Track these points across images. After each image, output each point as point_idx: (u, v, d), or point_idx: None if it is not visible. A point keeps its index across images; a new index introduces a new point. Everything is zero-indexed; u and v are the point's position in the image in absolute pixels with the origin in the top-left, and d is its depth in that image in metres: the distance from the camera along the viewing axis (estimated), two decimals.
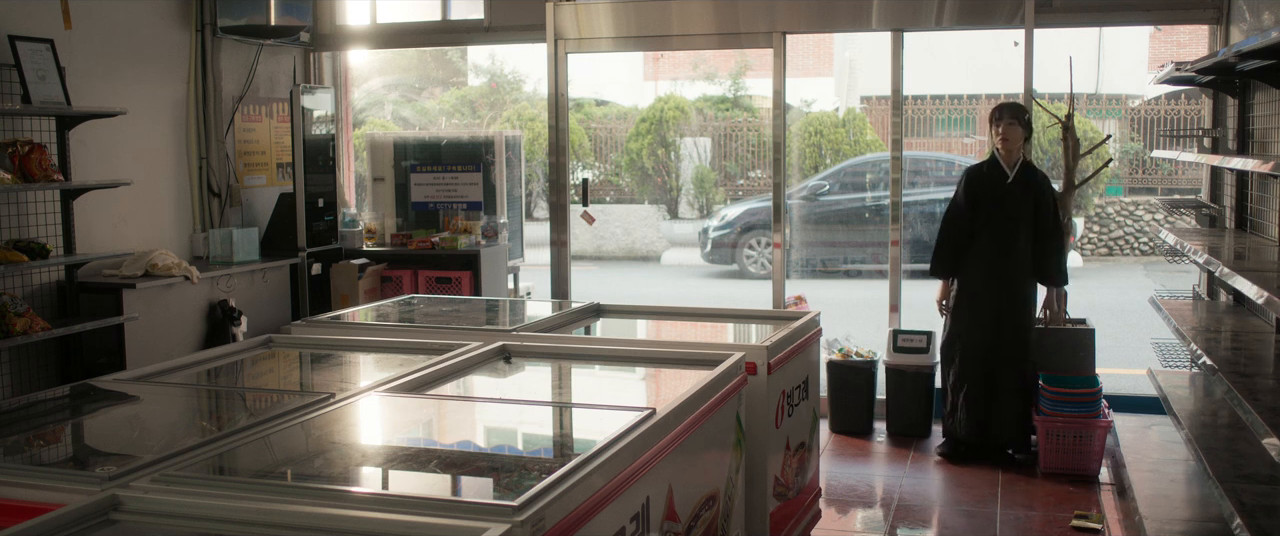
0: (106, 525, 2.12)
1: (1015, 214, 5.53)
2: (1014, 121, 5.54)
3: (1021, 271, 5.55)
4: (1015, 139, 5.55)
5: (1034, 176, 5.58)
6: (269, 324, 6.14)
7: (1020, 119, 5.57)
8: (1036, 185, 5.56)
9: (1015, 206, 5.53)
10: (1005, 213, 5.55)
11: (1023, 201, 5.53)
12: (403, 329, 4.30)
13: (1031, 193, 5.53)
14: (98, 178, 5.55)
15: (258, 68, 6.95)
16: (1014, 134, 5.54)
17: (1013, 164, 5.57)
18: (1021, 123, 5.57)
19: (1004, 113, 5.58)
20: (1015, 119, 5.55)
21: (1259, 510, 3.27)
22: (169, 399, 3.24)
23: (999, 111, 5.61)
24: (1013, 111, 5.57)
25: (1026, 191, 5.53)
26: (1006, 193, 5.55)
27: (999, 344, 5.56)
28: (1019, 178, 5.56)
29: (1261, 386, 3.40)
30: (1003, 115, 5.57)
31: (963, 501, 5.10)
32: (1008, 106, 5.62)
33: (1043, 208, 5.54)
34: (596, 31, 6.62)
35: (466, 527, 1.98)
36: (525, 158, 9.89)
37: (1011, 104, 5.65)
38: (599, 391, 3.66)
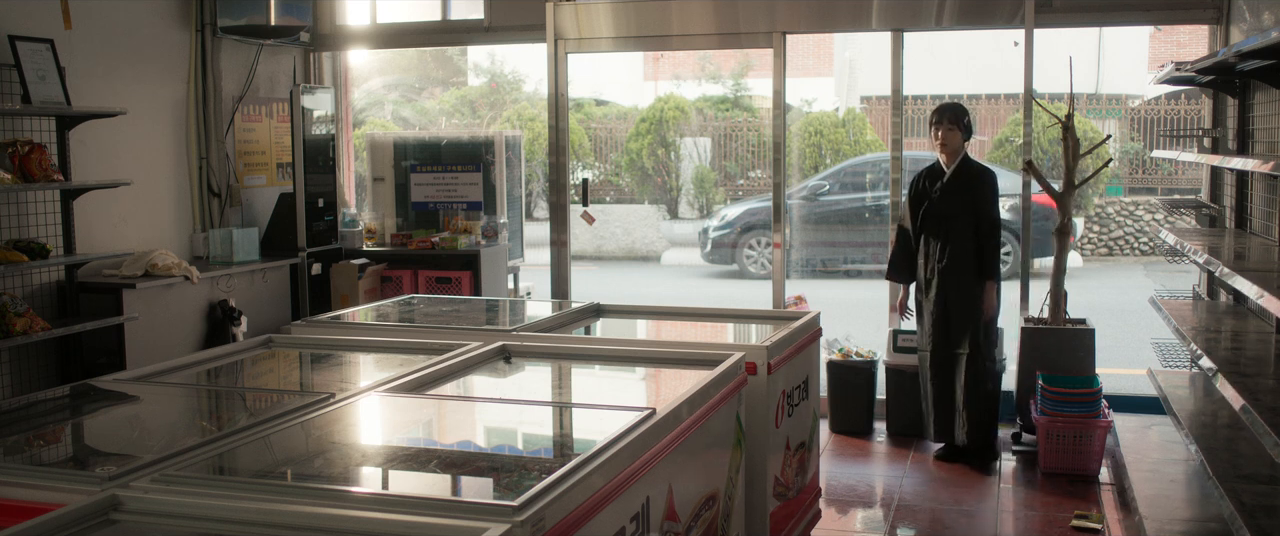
0: (106, 525, 2.12)
1: (948, 212, 5.53)
2: (953, 126, 5.55)
3: (959, 270, 5.51)
4: (954, 142, 5.56)
5: (969, 173, 5.55)
6: (269, 324, 6.14)
7: (959, 123, 5.56)
8: (972, 182, 5.53)
9: (948, 205, 5.53)
10: (939, 211, 5.56)
11: (956, 200, 5.52)
12: (403, 329, 4.30)
13: (968, 190, 5.51)
14: (98, 178, 5.54)
15: (258, 68, 6.95)
16: (952, 137, 5.55)
17: (952, 164, 5.58)
18: (960, 126, 5.56)
19: (943, 116, 5.58)
20: (954, 123, 5.55)
21: (1259, 510, 3.27)
22: (169, 399, 3.24)
23: (938, 114, 5.60)
24: (952, 115, 5.56)
25: (963, 189, 5.52)
26: (942, 192, 5.56)
27: (947, 344, 5.57)
28: (955, 176, 5.55)
29: (1261, 386, 3.40)
30: (941, 119, 5.57)
31: (963, 501, 5.10)
32: (947, 109, 5.60)
33: (979, 203, 5.50)
34: (596, 31, 6.62)
35: (466, 527, 1.98)
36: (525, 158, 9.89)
37: (951, 106, 5.64)
38: (599, 391, 3.66)
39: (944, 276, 5.56)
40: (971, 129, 5.64)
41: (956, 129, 5.56)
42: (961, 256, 5.52)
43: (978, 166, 5.64)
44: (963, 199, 5.52)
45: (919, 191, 5.68)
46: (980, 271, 5.52)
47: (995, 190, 5.57)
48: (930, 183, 5.64)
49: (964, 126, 5.59)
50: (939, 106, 5.66)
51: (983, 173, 5.60)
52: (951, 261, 5.53)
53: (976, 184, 5.54)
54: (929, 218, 5.61)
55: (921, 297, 5.70)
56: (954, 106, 5.65)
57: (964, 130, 5.59)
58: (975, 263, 5.51)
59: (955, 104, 5.70)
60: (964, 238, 5.51)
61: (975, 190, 5.52)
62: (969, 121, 5.63)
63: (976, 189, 5.52)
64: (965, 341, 5.55)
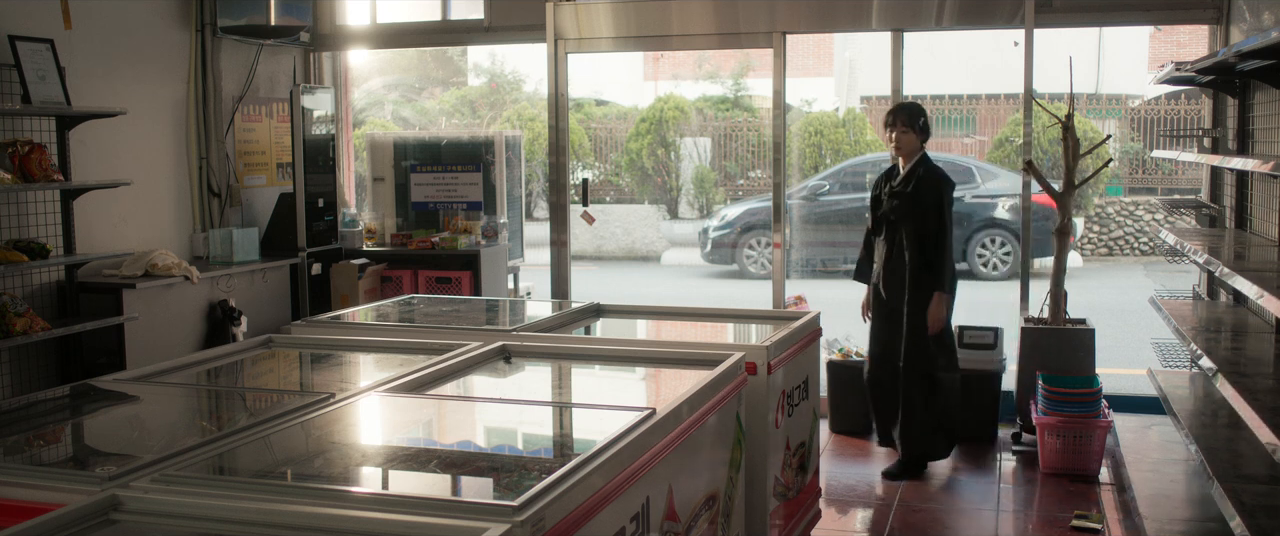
0: (106, 525, 2.12)
1: (897, 216, 5.33)
2: (907, 128, 5.33)
3: (901, 279, 5.34)
4: (907, 144, 5.34)
5: (918, 178, 5.31)
6: (269, 324, 6.14)
7: (914, 124, 5.34)
8: (920, 187, 5.28)
9: (895, 209, 5.34)
10: (886, 216, 5.39)
11: (904, 205, 5.31)
12: (403, 329, 4.30)
13: (916, 196, 5.28)
14: (98, 178, 5.54)
15: (258, 68, 6.95)
16: (906, 139, 5.33)
17: (907, 167, 5.37)
18: (915, 127, 5.34)
19: (897, 117, 5.37)
20: (908, 125, 5.33)
21: (1259, 510, 3.27)
22: (169, 399, 3.24)
23: (892, 115, 5.40)
24: (907, 117, 5.35)
25: (911, 194, 5.30)
26: (891, 195, 5.38)
27: (885, 353, 5.42)
28: (905, 180, 5.35)
29: (1261, 386, 3.40)
30: (895, 120, 5.37)
31: (963, 501, 5.10)
32: (902, 110, 5.41)
33: (925, 210, 5.27)
34: (596, 31, 6.62)
35: (466, 527, 1.98)
36: (525, 158, 9.89)
37: (906, 106, 5.44)
38: (599, 391, 3.66)
39: (887, 283, 5.41)
40: (928, 130, 5.40)
41: (911, 130, 5.32)
42: (903, 264, 5.32)
43: (930, 171, 5.33)
44: (910, 204, 5.29)
45: (876, 193, 5.51)
46: (924, 282, 5.28)
47: (943, 197, 5.27)
48: (886, 184, 5.47)
49: (919, 128, 5.35)
50: (893, 107, 5.48)
51: (933, 177, 5.30)
52: (894, 269, 5.37)
53: (924, 190, 5.27)
54: (878, 222, 5.45)
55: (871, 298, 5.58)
56: (909, 107, 5.44)
57: (919, 132, 5.35)
58: (919, 272, 5.28)
59: (911, 104, 5.51)
60: (907, 246, 5.30)
61: (922, 196, 5.27)
62: (925, 122, 5.39)
63: (924, 195, 5.27)
64: (904, 352, 5.34)
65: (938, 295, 5.25)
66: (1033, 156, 6.01)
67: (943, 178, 5.32)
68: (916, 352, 5.34)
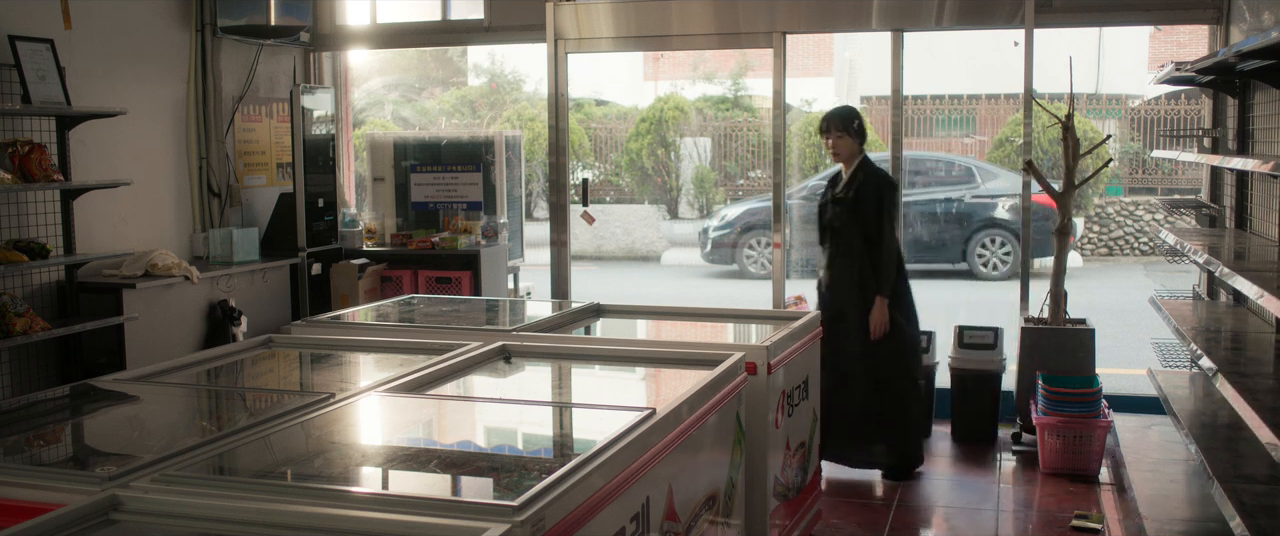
0: (106, 525, 2.12)
1: (838, 222, 5.28)
2: (842, 133, 5.29)
3: (844, 285, 5.27)
4: (845, 148, 5.30)
5: (859, 181, 5.25)
6: (269, 324, 6.14)
7: (848, 129, 5.29)
8: (860, 191, 5.22)
9: (837, 215, 5.29)
10: (829, 222, 5.35)
11: (845, 210, 5.25)
12: (403, 329, 4.30)
13: (856, 200, 5.22)
14: (98, 178, 5.55)
15: (258, 68, 6.95)
16: (843, 144, 5.29)
17: (848, 171, 5.32)
18: (850, 132, 5.29)
19: (830, 125, 5.32)
20: (843, 130, 5.29)
21: (1259, 510, 3.27)
22: (169, 399, 3.24)
23: (825, 123, 5.35)
24: (840, 123, 5.30)
25: (852, 199, 5.24)
26: (833, 201, 5.34)
27: (833, 360, 5.22)
28: (846, 185, 5.30)
29: (1261, 386, 3.40)
30: (829, 128, 5.32)
31: (963, 501, 5.10)
32: (834, 117, 5.34)
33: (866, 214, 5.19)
34: (596, 31, 6.62)
35: (466, 527, 1.98)
36: (525, 158, 9.89)
37: (838, 114, 5.36)
38: (599, 391, 3.66)
39: (831, 290, 5.33)
40: (865, 132, 5.36)
41: (846, 135, 5.28)
42: (845, 271, 5.26)
43: (871, 174, 5.27)
44: (851, 209, 5.24)
45: (822, 201, 5.45)
46: (867, 286, 5.21)
47: (886, 200, 5.21)
48: (830, 191, 5.41)
49: (854, 131, 5.30)
50: (825, 114, 5.39)
51: (873, 181, 5.24)
52: (837, 275, 5.30)
53: (865, 193, 5.21)
54: (822, 229, 5.41)
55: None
56: (841, 113, 5.37)
57: (855, 135, 5.31)
58: (862, 278, 5.22)
59: (842, 109, 5.43)
60: (849, 251, 5.25)
61: (863, 200, 5.20)
62: (860, 124, 5.34)
63: (865, 199, 5.20)
64: (859, 352, 5.23)
65: (879, 299, 5.19)
66: (1033, 156, 6.01)
67: (884, 180, 5.29)
68: (866, 359, 5.25)
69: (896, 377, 5.30)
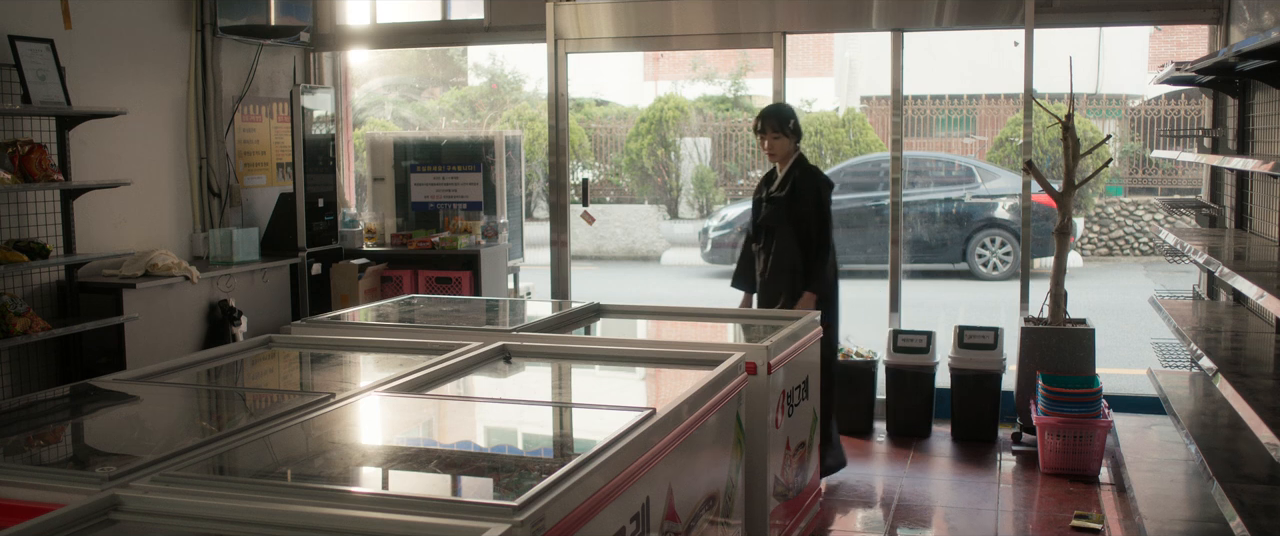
0: (106, 525, 2.12)
1: (771, 222, 5.18)
2: (778, 133, 5.16)
3: (780, 286, 5.14)
4: (780, 149, 5.18)
5: (795, 180, 5.15)
6: (269, 324, 6.14)
7: (784, 128, 5.16)
8: (796, 189, 5.12)
9: (771, 214, 5.18)
10: (764, 221, 5.22)
11: (781, 209, 5.15)
12: (403, 329, 4.30)
13: (792, 199, 5.12)
14: (98, 178, 5.54)
15: (258, 68, 6.95)
16: (779, 144, 5.17)
17: (784, 170, 5.20)
18: (785, 131, 5.16)
19: (765, 124, 5.18)
20: (778, 130, 5.16)
21: (1259, 510, 3.27)
22: (169, 399, 3.24)
23: (760, 122, 5.20)
24: (775, 123, 5.17)
25: (787, 198, 5.13)
26: (768, 200, 5.23)
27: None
28: (781, 184, 5.18)
29: (1261, 386, 3.40)
30: (765, 128, 5.19)
31: (963, 501, 5.10)
32: (769, 116, 5.21)
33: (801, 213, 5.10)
34: (596, 31, 6.62)
35: (466, 527, 1.98)
36: (525, 158, 9.89)
37: (774, 113, 5.23)
38: (599, 391, 3.66)
39: (766, 290, 5.20)
40: (800, 131, 5.24)
41: (783, 135, 5.15)
42: (781, 271, 5.14)
43: (806, 172, 5.17)
44: (787, 208, 5.13)
45: (756, 199, 5.32)
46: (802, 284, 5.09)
47: (820, 198, 5.11)
48: (763, 189, 5.31)
49: (790, 131, 5.18)
50: (760, 113, 5.24)
51: (809, 179, 5.14)
52: (773, 276, 5.16)
53: (801, 192, 5.10)
54: (757, 228, 5.28)
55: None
56: (776, 111, 5.24)
57: (791, 135, 5.18)
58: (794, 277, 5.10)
59: (778, 108, 5.31)
60: (786, 251, 5.12)
61: (799, 199, 5.10)
62: (795, 124, 5.21)
63: (801, 197, 5.10)
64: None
65: (807, 294, 5.07)
66: (1033, 156, 6.01)
67: (821, 179, 5.20)
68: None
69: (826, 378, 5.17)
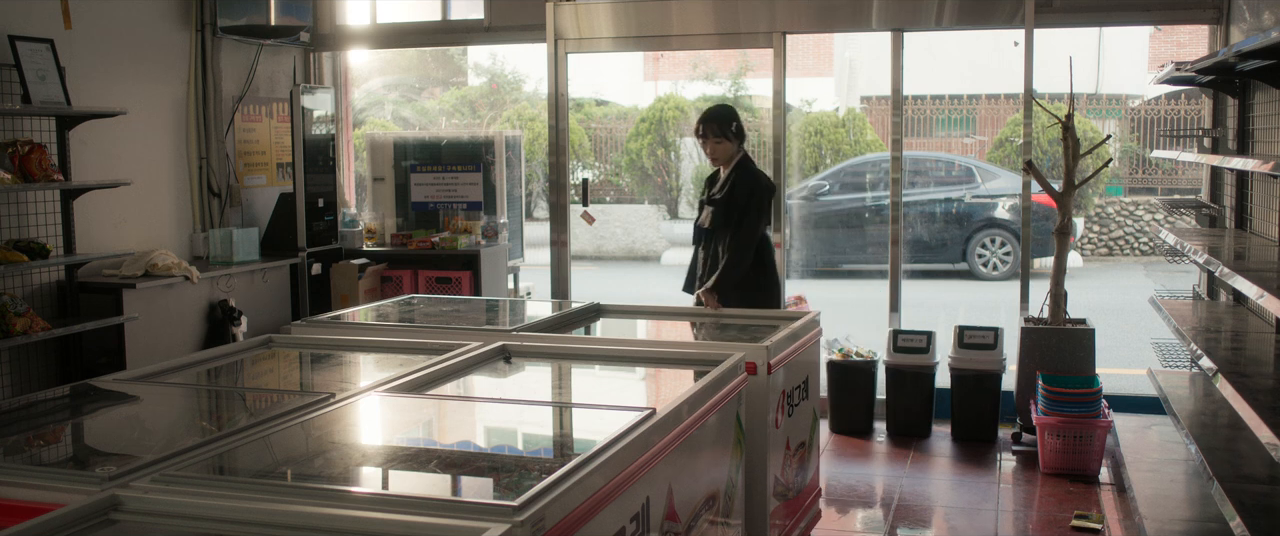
0: (106, 525, 2.12)
1: (713, 223, 5.12)
2: (720, 137, 5.09)
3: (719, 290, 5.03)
4: (723, 152, 5.11)
5: (735, 183, 5.08)
6: (269, 324, 6.14)
7: (727, 133, 5.09)
8: (735, 192, 5.05)
9: (712, 215, 5.12)
10: (706, 221, 5.16)
11: (722, 209, 5.08)
12: (403, 329, 4.30)
13: (730, 202, 5.05)
14: (98, 178, 5.54)
15: (258, 68, 6.95)
16: (721, 148, 5.10)
17: (727, 173, 5.13)
18: (728, 135, 5.09)
19: (707, 129, 5.10)
20: (721, 134, 5.08)
21: (1259, 510, 3.27)
22: (169, 399, 3.24)
23: (702, 126, 5.11)
24: (717, 127, 5.08)
25: (727, 201, 5.07)
26: (711, 202, 5.16)
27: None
28: (723, 186, 5.11)
29: (1261, 386, 3.40)
30: (707, 132, 5.10)
31: (963, 501, 5.10)
32: (711, 120, 5.11)
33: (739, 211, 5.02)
34: (596, 31, 6.62)
35: (466, 527, 1.98)
36: (525, 158, 9.89)
37: (716, 117, 5.12)
38: (599, 391, 3.66)
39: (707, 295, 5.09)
40: (743, 133, 5.16)
41: (724, 139, 5.08)
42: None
43: (745, 175, 5.11)
44: (725, 209, 5.07)
45: (700, 200, 5.26)
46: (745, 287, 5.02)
47: (754, 199, 5.05)
48: (707, 190, 5.23)
49: (732, 134, 5.10)
50: (702, 116, 5.14)
51: (747, 181, 5.08)
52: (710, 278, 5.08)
53: (738, 194, 5.05)
54: (697, 231, 5.23)
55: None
56: (718, 115, 5.13)
57: (734, 138, 5.11)
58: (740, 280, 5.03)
59: (719, 111, 5.18)
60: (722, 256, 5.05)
61: (735, 202, 5.04)
62: (738, 126, 5.14)
63: (737, 200, 5.04)
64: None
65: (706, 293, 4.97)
66: (1033, 156, 6.01)
67: (760, 179, 5.13)
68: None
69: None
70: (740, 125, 5.18)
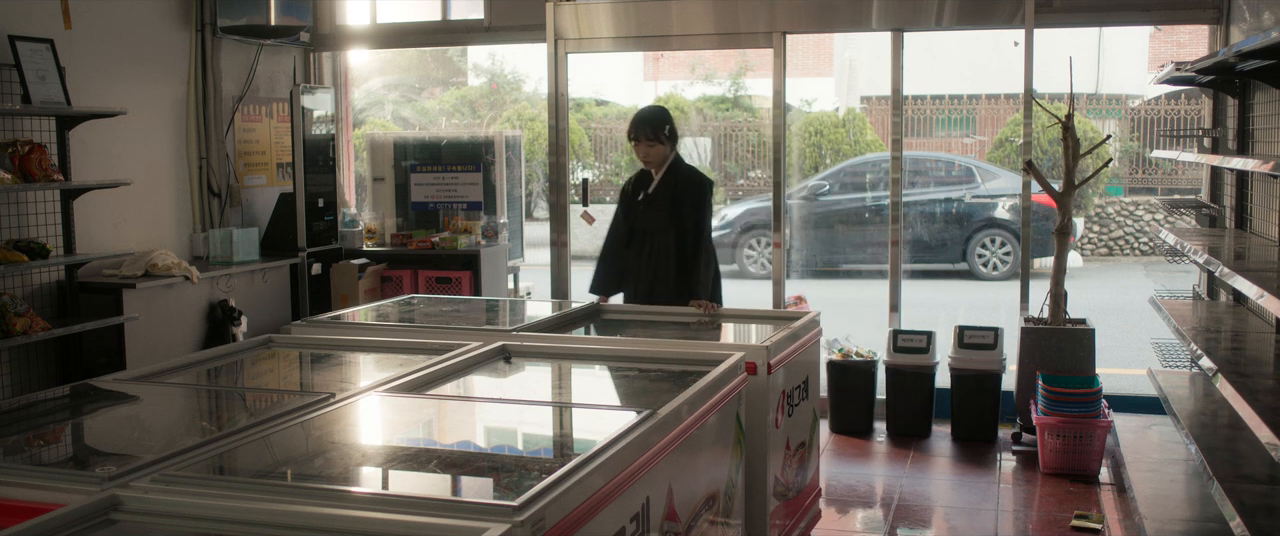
0: (106, 525, 2.12)
1: (650, 226, 5.01)
2: (653, 141, 4.96)
3: (667, 282, 4.99)
4: (656, 155, 4.98)
5: (674, 181, 4.98)
6: (269, 324, 6.14)
7: (660, 136, 4.96)
8: (677, 191, 4.95)
9: (651, 218, 5.01)
10: (642, 226, 5.05)
11: (661, 213, 4.98)
12: (403, 329, 4.30)
13: (671, 202, 4.96)
14: (98, 178, 5.54)
15: (258, 68, 6.95)
16: (655, 152, 4.97)
17: (660, 173, 5.02)
18: (661, 138, 4.96)
19: (640, 134, 4.95)
20: (654, 138, 4.95)
21: (1259, 510, 3.27)
22: (169, 399, 3.24)
23: (634, 130, 4.97)
24: (650, 131, 4.95)
25: (666, 201, 4.97)
26: (646, 204, 5.03)
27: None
28: (660, 185, 5.00)
29: (1261, 386, 3.40)
30: (639, 137, 4.96)
31: (963, 501, 5.10)
32: (644, 124, 4.97)
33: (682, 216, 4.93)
34: (596, 31, 6.62)
35: (466, 527, 1.98)
36: (525, 158, 9.89)
37: (649, 121, 4.98)
38: (599, 391, 3.66)
39: (649, 298, 5.01)
40: (676, 135, 5.06)
41: (658, 143, 4.96)
42: (665, 278, 4.98)
43: (687, 172, 5.02)
44: (667, 212, 4.96)
45: (627, 199, 5.10)
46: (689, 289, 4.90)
47: (703, 200, 4.96)
48: (636, 190, 5.08)
49: (666, 137, 4.97)
50: (633, 120, 5.00)
51: (690, 179, 4.98)
52: (656, 283, 5.00)
53: (683, 192, 4.94)
54: (634, 234, 5.08)
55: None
56: (651, 118, 4.99)
57: (667, 140, 4.98)
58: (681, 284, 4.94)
59: (652, 115, 5.03)
60: (667, 256, 4.97)
61: (679, 201, 4.93)
62: (671, 129, 5.01)
63: (681, 199, 4.93)
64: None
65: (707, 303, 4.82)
66: (1033, 156, 6.01)
67: (702, 178, 5.06)
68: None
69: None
70: (674, 128, 5.06)
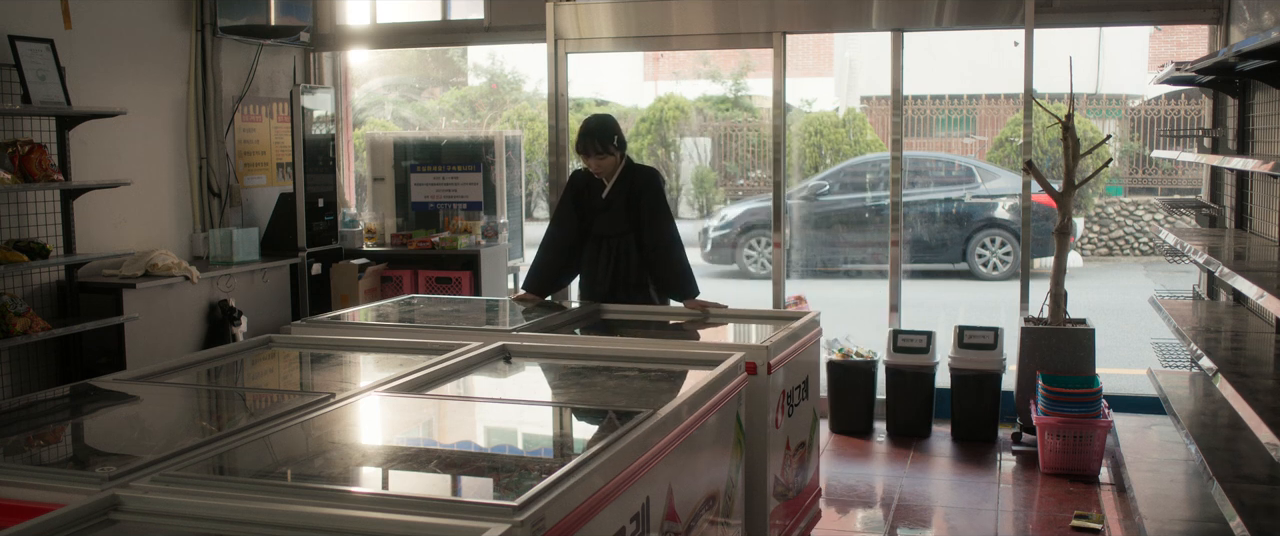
0: (106, 525, 2.12)
1: (611, 230, 4.91)
2: (603, 152, 4.83)
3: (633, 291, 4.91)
4: (608, 166, 4.87)
5: (628, 182, 4.90)
6: (269, 324, 6.14)
7: (608, 148, 4.83)
8: (633, 191, 4.87)
9: (612, 222, 4.91)
10: (599, 231, 4.94)
11: (619, 214, 4.90)
12: (403, 329, 4.30)
13: (629, 203, 4.88)
14: (98, 178, 5.54)
15: (258, 68, 6.95)
16: (605, 163, 4.86)
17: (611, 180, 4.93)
18: (610, 150, 4.83)
19: (588, 147, 4.81)
20: (603, 150, 4.83)
21: (1259, 510, 3.27)
22: (169, 399, 3.24)
23: (583, 143, 4.82)
24: (599, 144, 4.82)
25: (623, 203, 4.89)
26: (603, 208, 4.93)
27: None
28: (614, 189, 4.90)
29: (1261, 386, 3.40)
30: (588, 150, 4.82)
31: (963, 501, 5.10)
32: (593, 136, 4.82)
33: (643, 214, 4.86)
34: (596, 31, 6.62)
35: (466, 527, 1.98)
36: (525, 158, 9.89)
37: (596, 133, 4.83)
38: (599, 391, 3.66)
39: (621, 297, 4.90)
40: (624, 142, 4.94)
41: (608, 155, 4.84)
42: (625, 280, 4.91)
43: (641, 172, 4.95)
44: (625, 215, 4.89)
45: (578, 199, 4.98)
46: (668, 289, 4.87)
47: (660, 196, 4.90)
48: (589, 194, 4.96)
49: (614, 147, 4.85)
50: (580, 134, 4.85)
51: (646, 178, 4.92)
52: (617, 286, 4.92)
53: (638, 194, 4.87)
54: (592, 239, 4.96)
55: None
56: (599, 130, 4.84)
57: (617, 150, 4.87)
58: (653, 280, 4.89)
59: (597, 124, 4.87)
60: (627, 258, 4.90)
61: (636, 201, 4.86)
62: (620, 139, 4.89)
63: (638, 199, 4.86)
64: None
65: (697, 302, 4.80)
66: (1033, 156, 6.01)
67: (654, 173, 5.00)
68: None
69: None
70: (622, 137, 4.93)
